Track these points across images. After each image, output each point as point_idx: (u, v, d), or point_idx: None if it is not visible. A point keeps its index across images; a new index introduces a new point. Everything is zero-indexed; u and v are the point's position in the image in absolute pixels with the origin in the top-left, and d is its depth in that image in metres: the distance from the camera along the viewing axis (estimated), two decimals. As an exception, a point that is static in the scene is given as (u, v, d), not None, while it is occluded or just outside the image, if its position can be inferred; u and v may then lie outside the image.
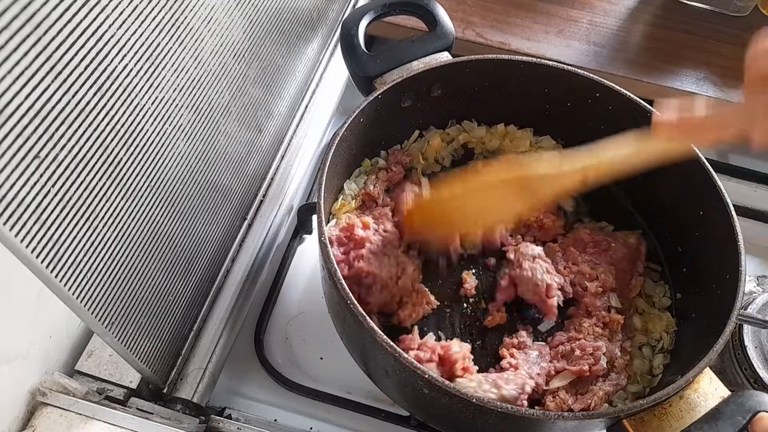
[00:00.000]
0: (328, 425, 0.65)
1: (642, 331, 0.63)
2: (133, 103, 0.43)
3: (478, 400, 0.47)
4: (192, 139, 0.52)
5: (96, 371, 0.59)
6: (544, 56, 0.84)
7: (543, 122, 0.73)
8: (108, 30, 0.39)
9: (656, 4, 0.94)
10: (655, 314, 0.64)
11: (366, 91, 0.66)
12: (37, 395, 0.55)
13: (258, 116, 0.66)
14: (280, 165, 0.75)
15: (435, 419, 0.58)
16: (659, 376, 0.60)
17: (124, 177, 0.44)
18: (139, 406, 0.58)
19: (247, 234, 0.70)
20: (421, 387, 0.49)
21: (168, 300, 0.55)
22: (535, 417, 0.48)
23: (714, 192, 0.60)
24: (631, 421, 0.51)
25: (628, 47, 0.89)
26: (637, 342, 0.62)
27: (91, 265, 0.42)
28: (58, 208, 0.38)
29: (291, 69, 0.72)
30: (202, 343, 0.63)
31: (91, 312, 0.44)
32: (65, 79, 0.36)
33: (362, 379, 0.59)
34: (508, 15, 0.91)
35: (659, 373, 0.60)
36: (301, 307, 0.72)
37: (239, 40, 0.56)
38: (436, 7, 0.69)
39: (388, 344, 0.48)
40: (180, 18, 0.46)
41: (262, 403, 0.66)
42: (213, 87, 0.54)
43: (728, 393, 0.51)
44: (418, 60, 0.66)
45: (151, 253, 0.50)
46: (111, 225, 0.44)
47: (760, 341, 0.64)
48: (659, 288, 0.66)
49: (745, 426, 0.49)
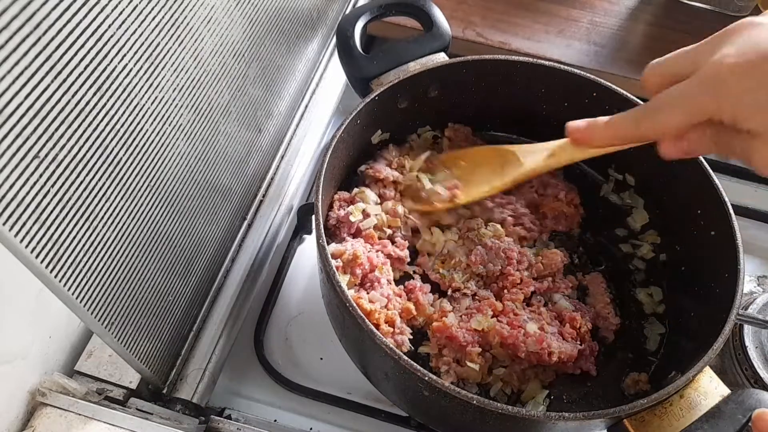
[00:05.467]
0: (328, 426, 0.65)
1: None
2: (132, 103, 0.43)
3: (479, 401, 0.47)
4: (192, 139, 0.52)
5: (95, 371, 0.59)
6: (544, 56, 0.84)
7: (540, 122, 0.72)
8: (108, 30, 0.38)
9: (657, 3, 0.94)
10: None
11: (363, 92, 0.66)
12: (36, 395, 0.55)
13: (258, 116, 0.66)
14: (279, 165, 0.75)
15: (435, 421, 0.58)
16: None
17: (124, 177, 0.44)
18: (138, 406, 0.58)
19: (247, 234, 0.70)
20: (420, 389, 0.49)
21: (168, 300, 0.55)
22: (535, 418, 0.48)
23: (712, 191, 0.60)
24: (631, 420, 0.51)
25: (628, 47, 0.89)
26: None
27: (90, 265, 0.42)
28: (58, 209, 0.38)
29: (291, 69, 0.72)
30: (202, 343, 0.63)
31: (91, 312, 0.44)
32: (65, 79, 0.36)
33: (362, 379, 0.59)
34: (509, 15, 0.91)
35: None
36: (301, 307, 0.72)
37: (239, 40, 0.56)
38: (432, 7, 0.69)
39: (388, 347, 0.48)
40: (180, 18, 0.46)
41: (262, 404, 0.66)
42: (213, 87, 0.54)
43: (728, 392, 0.52)
44: (415, 61, 0.66)
45: (150, 253, 0.50)
46: (111, 225, 0.44)
47: (761, 341, 0.64)
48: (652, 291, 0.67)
49: (746, 424, 0.49)
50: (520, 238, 0.67)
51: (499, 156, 0.64)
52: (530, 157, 0.61)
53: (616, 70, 0.85)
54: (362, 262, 0.60)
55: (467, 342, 0.58)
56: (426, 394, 0.49)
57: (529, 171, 0.60)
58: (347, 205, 0.64)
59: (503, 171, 0.63)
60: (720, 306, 0.54)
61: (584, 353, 0.61)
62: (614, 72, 0.85)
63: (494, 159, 0.64)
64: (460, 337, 0.58)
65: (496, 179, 0.63)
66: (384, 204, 0.67)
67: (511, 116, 0.73)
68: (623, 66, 0.86)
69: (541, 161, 0.59)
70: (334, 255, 0.60)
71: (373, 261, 0.61)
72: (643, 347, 0.64)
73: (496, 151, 0.65)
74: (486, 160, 0.65)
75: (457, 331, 0.58)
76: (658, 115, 0.45)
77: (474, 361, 0.57)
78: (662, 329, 0.64)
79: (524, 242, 0.67)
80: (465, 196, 0.65)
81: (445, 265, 0.65)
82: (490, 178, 0.64)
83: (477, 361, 0.57)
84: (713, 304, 0.57)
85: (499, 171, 0.63)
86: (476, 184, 0.65)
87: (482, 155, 0.67)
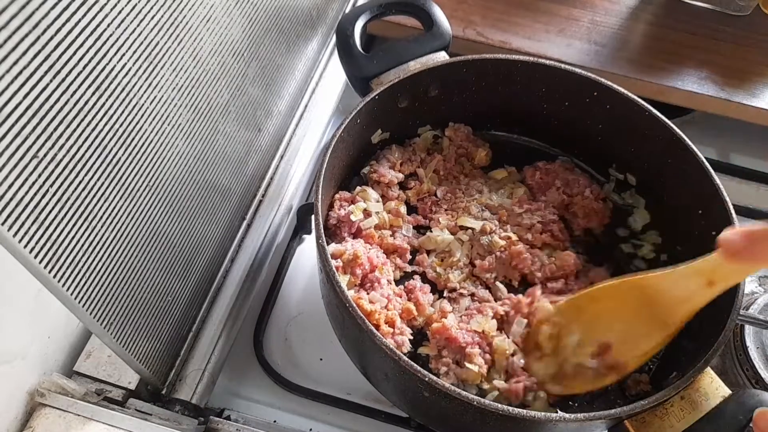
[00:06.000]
0: (328, 426, 0.65)
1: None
2: (131, 103, 0.43)
3: (479, 402, 0.47)
4: (191, 138, 0.52)
5: (94, 372, 0.59)
6: (545, 55, 0.84)
7: (541, 122, 0.72)
8: (107, 29, 0.38)
9: (657, 3, 0.94)
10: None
11: (363, 92, 0.66)
12: (35, 396, 0.55)
13: (257, 116, 0.65)
14: (279, 165, 0.75)
15: (435, 422, 0.58)
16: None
17: (123, 177, 0.44)
18: (137, 407, 0.58)
19: (246, 234, 0.70)
20: (420, 390, 0.49)
21: (167, 300, 0.55)
22: (536, 419, 0.48)
23: (713, 191, 0.60)
24: (632, 421, 0.51)
25: (629, 46, 0.88)
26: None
27: (89, 265, 0.42)
28: (57, 208, 0.38)
29: (290, 68, 0.72)
30: (201, 343, 0.63)
31: (90, 312, 0.44)
32: (64, 79, 0.36)
33: (362, 380, 0.59)
34: (509, 14, 0.91)
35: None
36: (300, 307, 0.72)
37: (238, 39, 0.56)
38: (432, 6, 0.69)
39: (387, 347, 0.48)
40: (179, 17, 0.46)
41: (262, 404, 0.66)
42: (212, 86, 0.54)
43: (729, 392, 0.51)
44: (415, 60, 0.66)
45: (149, 254, 0.50)
46: (109, 225, 0.43)
47: (762, 342, 0.64)
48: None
49: (747, 425, 0.49)
50: (544, 244, 0.67)
51: (637, 295, 0.50)
52: (681, 291, 0.47)
53: (616, 69, 0.85)
54: (362, 263, 0.59)
55: (467, 343, 0.57)
56: (426, 395, 0.49)
57: (691, 313, 0.48)
58: (348, 204, 0.64)
59: (653, 315, 0.49)
60: (721, 306, 0.54)
61: None
62: (615, 71, 0.85)
63: (632, 299, 0.50)
64: (460, 338, 0.57)
65: (653, 329, 0.49)
66: (387, 204, 0.66)
67: (512, 116, 0.73)
68: (624, 65, 0.86)
69: (702, 296, 0.46)
70: (334, 255, 0.60)
71: (374, 261, 0.61)
72: (644, 347, 0.63)
73: (632, 289, 0.50)
74: (621, 302, 0.51)
75: (456, 332, 0.58)
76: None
77: (473, 362, 0.57)
78: (663, 329, 0.64)
79: (546, 248, 0.67)
80: (630, 362, 0.51)
81: (443, 263, 0.65)
82: (644, 329, 0.50)
83: (476, 362, 0.57)
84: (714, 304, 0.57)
85: (648, 316, 0.49)
86: (630, 340, 0.51)
87: (613, 296, 0.52)
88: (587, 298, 0.54)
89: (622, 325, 0.51)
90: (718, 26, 0.91)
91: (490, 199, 0.69)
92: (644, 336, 0.50)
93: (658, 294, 0.48)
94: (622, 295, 0.51)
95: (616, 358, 0.51)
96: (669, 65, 0.86)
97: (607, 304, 0.52)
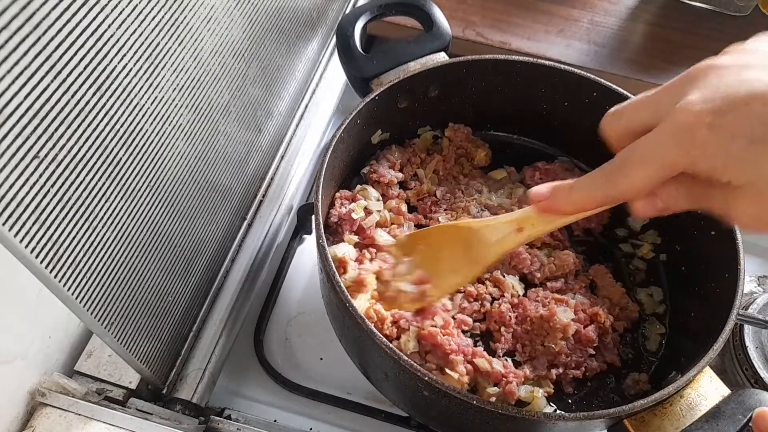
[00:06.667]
0: (328, 426, 0.65)
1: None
2: (132, 103, 0.43)
3: (479, 402, 0.47)
4: (191, 139, 0.52)
5: (95, 372, 0.59)
6: (544, 56, 0.84)
7: (541, 122, 0.72)
8: (107, 29, 0.38)
9: (657, 3, 0.94)
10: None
11: (363, 92, 0.66)
12: (36, 395, 0.55)
13: (258, 116, 0.66)
14: (279, 165, 0.75)
15: (435, 421, 0.58)
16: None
17: (124, 177, 0.44)
18: (138, 406, 0.58)
19: (247, 234, 0.70)
20: (421, 389, 0.49)
21: (167, 300, 0.55)
22: (535, 418, 0.48)
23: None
24: (631, 420, 0.51)
25: (628, 47, 0.89)
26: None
27: (90, 265, 0.42)
28: (58, 208, 0.38)
29: (291, 68, 0.72)
30: (202, 343, 0.63)
31: (91, 312, 0.44)
32: (64, 79, 0.36)
33: (362, 379, 0.59)
34: (509, 14, 0.91)
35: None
36: (300, 307, 0.72)
37: (239, 40, 0.56)
38: (432, 7, 0.69)
39: (388, 347, 0.48)
40: (179, 17, 0.46)
41: (262, 404, 0.66)
42: (212, 87, 0.54)
43: (729, 392, 0.51)
44: (415, 61, 0.66)
45: (150, 254, 0.50)
46: (110, 225, 0.44)
47: (761, 341, 0.64)
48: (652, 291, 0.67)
49: (746, 424, 0.49)
50: (543, 244, 0.67)
51: (461, 237, 0.56)
52: (495, 235, 0.53)
53: (616, 69, 0.85)
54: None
55: (452, 350, 0.56)
56: (426, 394, 0.49)
57: (501, 254, 0.54)
58: (349, 202, 0.64)
59: (470, 255, 0.55)
60: (720, 306, 0.54)
61: (608, 346, 0.61)
62: (614, 72, 0.85)
63: (457, 241, 0.57)
64: (446, 344, 0.56)
65: (465, 266, 0.56)
66: (387, 203, 0.67)
67: (512, 116, 0.73)
68: (623, 66, 0.86)
69: (512, 241, 0.52)
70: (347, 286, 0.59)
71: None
72: (644, 347, 0.64)
73: (458, 231, 0.57)
74: (447, 242, 0.58)
75: (442, 339, 0.56)
76: (627, 175, 0.41)
77: (455, 370, 0.55)
78: (662, 329, 0.64)
79: (545, 248, 0.67)
80: (437, 291, 0.58)
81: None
82: (458, 265, 0.56)
83: (458, 370, 0.55)
84: (713, 304, 0.57)
85: (465, 255, 0.56)
86: (444, 275, 0.57)
87: (442, 237, 0.59)
88: (420, 236, 0.62)
89: (441, 262, 0.58)
90: (717, 26, 0.91)
91: (489, 199, 0.69)
92: (456, 272, 0.57)
93: (477, 237, 0.54)
94: (447, 237, 0.58)
95: (428, 288, 0.58)
96: (669, 65, 0.86)
97: (432, 242, 0.59)
